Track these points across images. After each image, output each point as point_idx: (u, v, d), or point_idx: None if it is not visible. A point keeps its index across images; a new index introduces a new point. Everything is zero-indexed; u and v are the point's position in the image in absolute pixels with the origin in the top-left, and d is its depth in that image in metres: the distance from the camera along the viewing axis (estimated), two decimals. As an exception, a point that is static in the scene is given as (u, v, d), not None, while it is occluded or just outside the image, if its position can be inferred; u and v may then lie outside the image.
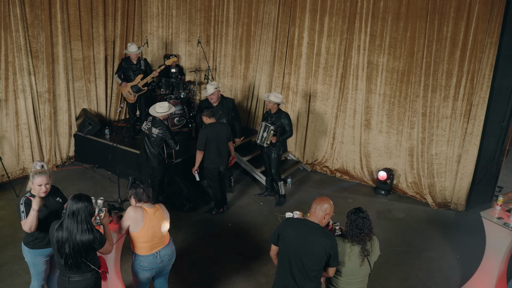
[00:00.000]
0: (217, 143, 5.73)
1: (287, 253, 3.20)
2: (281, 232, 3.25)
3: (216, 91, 6.31)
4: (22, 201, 3.53)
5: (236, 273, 4.93)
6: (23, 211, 3.49)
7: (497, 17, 5.76)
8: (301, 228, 3.19)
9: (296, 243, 3.15)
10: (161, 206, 3.67)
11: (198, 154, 5.77)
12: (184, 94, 7.85)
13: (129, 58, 7.15)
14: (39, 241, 3.60)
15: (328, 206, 3.21)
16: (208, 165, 5.83)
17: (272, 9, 7.65)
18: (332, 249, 3.11)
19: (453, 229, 6.12)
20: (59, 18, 6.93)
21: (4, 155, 6.64)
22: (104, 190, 6.62)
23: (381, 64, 6.84)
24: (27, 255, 3.68)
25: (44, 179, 3.51)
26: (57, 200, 3.69)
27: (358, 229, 3.18)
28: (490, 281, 4.53)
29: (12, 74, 6.56)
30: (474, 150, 6.29)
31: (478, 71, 6.06)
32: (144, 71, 7.19)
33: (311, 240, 3.12)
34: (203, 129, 5.78)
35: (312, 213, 3.24)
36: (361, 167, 7.44)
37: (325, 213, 3.20)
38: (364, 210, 3.26)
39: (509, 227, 4.24)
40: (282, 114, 6.16)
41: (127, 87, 7.17)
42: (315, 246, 3.10)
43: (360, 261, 3.20)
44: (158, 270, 3.67)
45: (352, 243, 3.20)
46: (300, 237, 3.15)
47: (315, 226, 3.18)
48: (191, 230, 5.77)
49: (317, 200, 3.26)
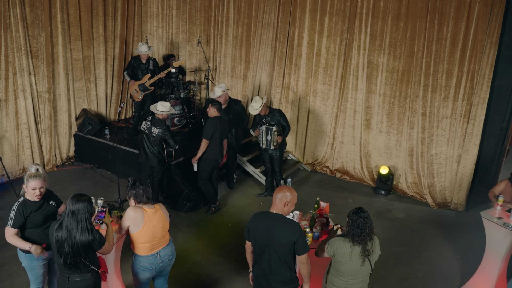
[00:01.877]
0: (220, 136, 5.80)
1: (257, 247, 3.25)
2: (250, 227, 3.28)
3: (224, 94, 6.29)
4: (15, 207, 3.46)
5: (236, 273, 4.92)
6: (11, 217, 3.42)
7: (497, 17, 5.76)
8: (264, 221, 3.21)
9: (263, 235, 3.19)
10: (161, 206, 3.66)
11: (204, 143, 5.79)
12: (184, 94, 7.85)
13: (139, 57, 7.25)
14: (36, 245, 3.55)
15: (284, 195, 3.20)
16: (209, 156, 5.86)
17: (272, 9, 7.65)
18: (294, 236, 3.11)
19: (453, 229, 6.12)
20: (59, 18, 6.93)
21: (4, 155, 6.64)
22: (104, 190, 6.62)
23: (381, 64, 6.84)
24: (23, 260, 3.64)
25: (39, 182, 3.45)
26: (50, 203, 3.64)
27: (359, 229, 3.18)
28: (490, 281, 4.53)
29: (12, 74, 6.56)
30: (474, 150, 6.28)
31: (478, 71, 6.06)
32: (152, 71, 7.29)
33: (274, 231, 3.15)
34: (211, 119, 5.80)
35: (273, 205, 3.25)
36: (361, 167, 7.44)
37: (284, 202, 3.19)
38: (365, 210, 3.26)
39: (509, 227, 4.24)
40: (275, 111, 6.19)
41: (135, 85, 7.25)
42: (278, 237, 3.13)
43: (361, 261, 3.20)
44: (158, 270, 3.67)
45: (353, 243, 3.20)
46: (265, 230, 3.18)
47: (277, 217, 3.20)
48: (191, 230, 5.77)
49: (276, 191, 3.28)
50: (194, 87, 8.16)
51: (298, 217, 4.15)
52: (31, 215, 3.48)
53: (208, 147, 5.82)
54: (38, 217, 3.50)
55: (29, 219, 3.48)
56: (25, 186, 3.48)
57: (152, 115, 5.88)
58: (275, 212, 3.22)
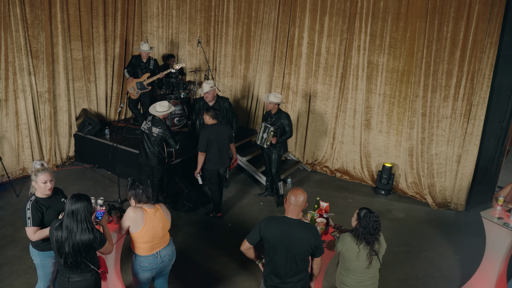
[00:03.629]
0: (219, 145, 5.65)
1: (275, 253, 3.22)
2: (263, 232, 3.25)
3: (211, 90, 6.28)
4: (28, 206, 3.45)
5: (236, 273, 4.92)
6: (29, 217, 3.42)
7: (497, 17, 5.76)
8: (284, 226, 3.20)
9: (282, 241, 3.17)
10: (161, 206, 3.66)
11: (200, 155, 5.71)
12: (184, 94, 7.85)
13: (140, 56, 7.29)
14: (48, 243, 3.51)
15: (304, 200, 3.22)
16: (208, 167, 5.80)
17: (272, 9, 7.65)
18: (317, 241, 3.18)
19: (453, 229, 6.12)
20: (59, 18, 6.93)
21: (4, 155, 6.64)
22: (104, 190, 6.62)
23: (381, 64, 6.84)
24: (36, 257, 3.65)
25: (48, 175, 3.48)
26: (62, 200, 3.66)
27: (371, 229, 3.20)
28: (490, 281, 4.53)
29: (12, 74, 6.56)
30: (474, 150, 6.29)
31: (478, 71, 6.06)
32: (152, 70, 7.36)
33: (296, 237, 3.15)
34: (204, 130, 5.72)
35: (289, 210, 3.23)
36: (361, 167, 7.44)
37: (302, 207, 3.24)
38: (377, 215, 3.27)
39: (509, 227, 4.24)
40: (282, 114, 6.15)
41: (133, 82, 7.31)
42: (300, 242, 3.14)
43: (367, 263, 3.24)
44: (158, 270, 3.67)
45: (360, 243, 3.23)
46: (285, 235, 3.17)
47: (298, 222, 3.21)
48: (191, 230, 5.77)
49: (292, 195, 3.22)
50: (194, 87, 8.16)
51: (298, 217, 4.15)
52: (46, 212, 3.49)
53: (206, 158, 5.73)
54: (52, 215, 3.51)
55: (45, 217, 3.49)
56: (35, 183, 3.48)
57: (153, 114, 5.88)
58: (291, 217, 3.22)
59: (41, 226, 3.49)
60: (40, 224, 3.47)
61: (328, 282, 4.69)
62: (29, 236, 3.47)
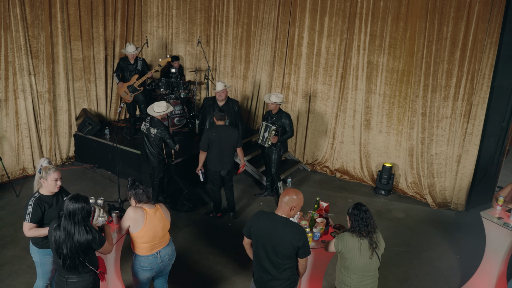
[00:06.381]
0: (220, 147, 5.60)
1: (258, 247, 3.23)
2: (252, 225, 3.27)
3: (225, 89, 6.32)
4: (31, 202, 3.47)
5: (236, 273, 4.93)
6: (29, 213, 3.44)
7: (497, 17, 5.76)
8: (269, 222, 3.19)
9: (266, 237, 3.18)
10: (162, 206, 3.66)
11: (201, 154, 5.73)
12: (184, 94, 7.85)
13: (127, 58, 7.18)
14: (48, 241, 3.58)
15: (291, 198, 3.16)
16: (209, 167, 5.82)
17: (272, 9, 7.65)
18: (300, 241, 3.12)
19: (453, 229, 6.12)
20: (59, 18, 6.93)
21: (4, 155, 6.64)
22: (104, 190, 6.62)
23: (381, 64, 6.84)
24: (35, 254, 3.66)
25: (59, 173, 3.53)
26: (64, 199, 3.66)
27: (363, 221, 3.24)
28: (490, 281, 4.53)
29: (12, 74, 6.56)
30: (474, 150, 6.29)
31: (478, 71, 6.06)
32: (140, 71, 7.23)
33: (279, 234, 3.14)
34: (207, 129, 5.73)
35: (279, 207, 3.22)
36: (361, 167, 7.44)
37: (290, 206, 3.17)
38: (364, 204, 3.33)
39: (509, 227, 4.24)
40: (283, 114, 6.16)
41: (123, 87, 7.22)
42: (283, 240, 3.12)
43: (370, 253, 3.25)
44: (158, 270, 3.67)
45: (360, 237, 3.25)
46: (269, 231, 3.17)
47: (283, 220, 3.18)
48: (191, 230, 5.77)
49: (283, 193, 3.23)
50: (194, 87, 8.16)
51: (298, 217, 4.15)
52: (47, 210, 3.51)
53: (207, 158, 5.73)
54: (53, 213, 3.53)
55: (45, 215, 3.51)
56: (44, 180, 3.50)
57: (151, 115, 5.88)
58: (280, 214, 3.20)
59: (40, 223, 3.51)
60: (38, 221, 3.49)
61: (328, 282, 4.69)
62: (24, 231, 3.49)
